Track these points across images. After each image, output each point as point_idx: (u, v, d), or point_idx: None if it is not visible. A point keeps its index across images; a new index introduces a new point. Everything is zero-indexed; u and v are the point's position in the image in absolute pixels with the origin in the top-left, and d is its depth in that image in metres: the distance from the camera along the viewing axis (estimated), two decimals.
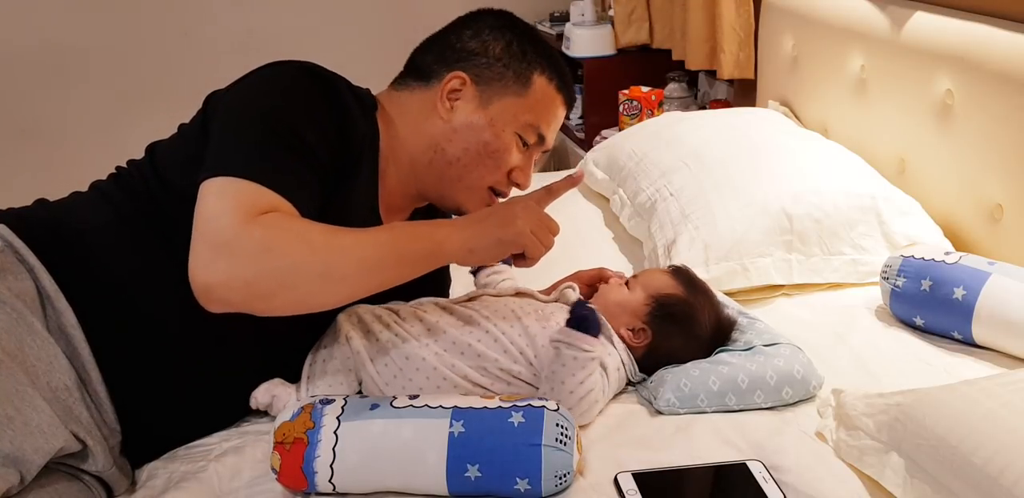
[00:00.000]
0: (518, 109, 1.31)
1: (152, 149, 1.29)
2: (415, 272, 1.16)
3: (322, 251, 1.07)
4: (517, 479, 1.06)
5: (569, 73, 1.38)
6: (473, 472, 1.06)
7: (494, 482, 1.07)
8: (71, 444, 1.09)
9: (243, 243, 1.04)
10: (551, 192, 1.27)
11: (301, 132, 1.15)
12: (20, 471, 1.02)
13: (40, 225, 1.20)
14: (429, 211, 1.46)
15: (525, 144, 1.33)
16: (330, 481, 1.08)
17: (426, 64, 1.33)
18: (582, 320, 1.21)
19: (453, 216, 1.37)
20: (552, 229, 1.23)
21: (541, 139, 1.34)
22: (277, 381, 1.26)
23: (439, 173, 1.31)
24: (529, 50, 1.32)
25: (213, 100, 1.25)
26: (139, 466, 1.21)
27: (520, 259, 1.24)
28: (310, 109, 1.18)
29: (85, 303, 1.16)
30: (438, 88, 1.30)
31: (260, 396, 1.24)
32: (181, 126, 1.29)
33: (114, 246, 1.20)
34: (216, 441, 1.25)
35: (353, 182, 1.24)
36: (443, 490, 1.08)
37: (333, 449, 1.07)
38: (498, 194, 1.36)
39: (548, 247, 1.23)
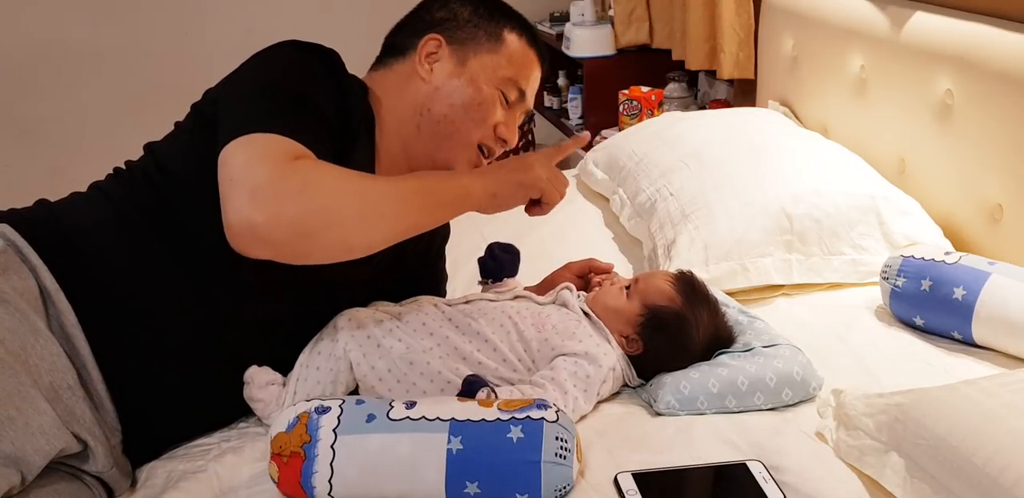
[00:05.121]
0: (495, 64, 1.34)
1: (150, 147, 1.30)
2: (444, 216, 1.21)
3: (360, 191, 1.11)
4: (517, 495, 1.06)
5: (536, 30, 1.42)
6: (472, 489, 1.05)
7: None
8: (72, 445, 1.08)
9: (285, 183, 1.06)
10: (560, 149, 1.35)
11: (309, 98, 1.18)
12: (21, 471, 1.02)
13: (42, 224, 1.20)
14: None
15: (507, 101, 1.35)
16: (329, 494, 1.07)
17: (400, 41, 1.37)
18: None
19: None
20: (564, 181, 1.30)
21: (521, 95, 1.37)
22: (272, 378, 1.25)
23: (429, 134, 1.33)
24: (496, 11, 1.37)
25: (210, 92, 1.26)
26: (139, 465, 1.21)
27: (535, 207, 1.29)
28: (312, 78, 1.21)
29: (85, 302, 1.15)
30: (415, 55, 1.34)
31: (255, 391, 1.24)
32: (177, 123, 1.29)
33: (114, 244, 1.20)
34: (216, 441, 1.25)
35: (351, 160, 1.25)
36: None
37: (331, 464, 1.06)
38: (487, 152, 1.37)
39: (562, 195, 1.30)
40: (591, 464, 1.16)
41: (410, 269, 1.47)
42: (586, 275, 1.51)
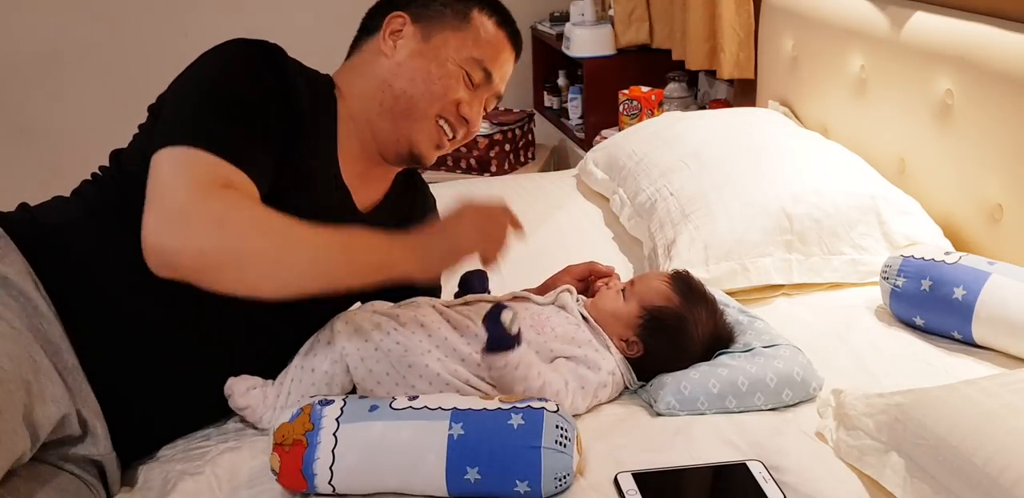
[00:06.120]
0: (459, 42, 1.33)
1: (117, 152, 1.31)
2: (363, 280, 1.16)
3: (275, 237, 1.09)
4: (517, 481, 1.06)
5: (510, 13, 1.40)
6: (473, 474, 1.06)
7: (494, 484, 1.07)
8: (75, 422, 1.09)
9: (200, 213, 1.06)
10: (515, 223, 1.25)
11: (247, 99, 1.17)
12: (30, 437, 1.01)
13: (20, 223, 1.22)
14: (408, 181, 1.48)
15: (471, 81, 1.34)
16: (330, 483, 1.08)
17: (371, 22, 1.37)
18: (493, 342, 1.19)
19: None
20: (498, 230, 1.22)
21: (488, 76, 1.35)
22: (251, 383, 1.25)
23: (390, 110, 1.32)
24: None
25: (163, 93, 1.27)
26: (128, 464, 1.21)
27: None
28: (252, 77, 1.20)
29: (62, 297, 1.16)
30: (380, 33, 1.34)
31: (238, 399, 1.24)
32: (140, 126, 1.30)
33: (86, 240, 1.21)
34: (213, 442, 1.25)
35: (308, 147, 1.24)
36: (443, 492, 1.08)
37: (332, 451, 1.07)
38: (449, 128, 1.35)
39: (498, 246, 1.23)
40: (591, 464, 1.16)
41: None
42: (587, 278, 1.50)
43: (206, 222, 1.06)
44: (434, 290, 1.52)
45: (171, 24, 3.38)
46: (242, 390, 1.24)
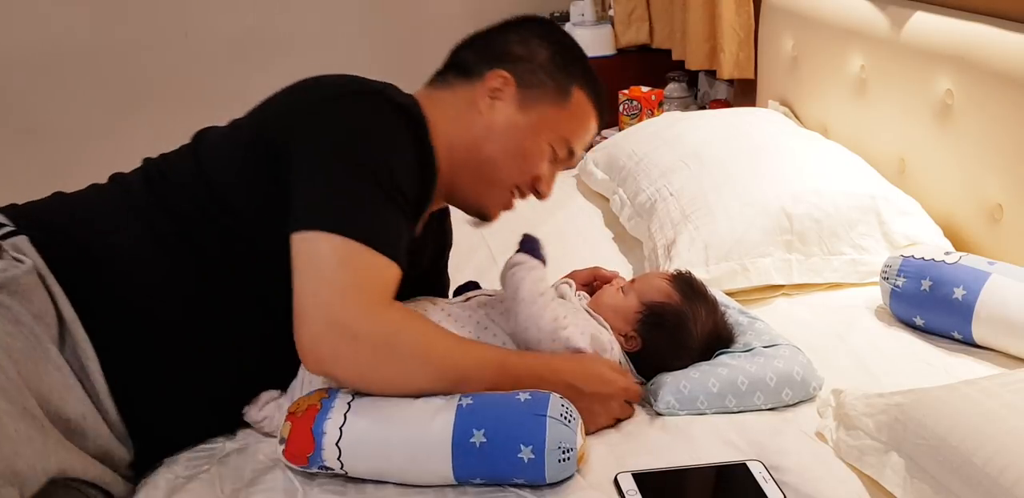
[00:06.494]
0: (555, 119, 1.31)
1: (196, 149, 1.25)
2: (495, 388, 1.19)
3: (433, 368, 1.14)
4: (521, 446, 1.07)
5: (604, 90, 1.39)
6: (479, 437, 1.08)
7: (498, 448, 1.08)
8: (73, 468, 1.06)
9: (367, 336, 1.08)
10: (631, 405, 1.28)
11: (399, 182, 1.16)
12: (20, 490, 0.98)
13: (67, 244, 1.16)
14: (441, 213, 1.47)
15: (555, 157, 1.33)
16: (337, 445, 1.09)
17: (468, 60, 1.33)
18: (526, 245, 1.32)
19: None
20: (628, 414, 1.26)
21: (571, 154, 1.35)
22: (267, 398, 1.25)
23: (472, 171, 1.30)
24: (572, 63, 1.33)
25: (281, 114, 1.22)
26: (143, 472, 1.20)
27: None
28: (403, 155, 1.18)
29: (103, 332, 1.13)
30: (479, 84, 1.30)
31: (254, 413, 1.24)
32: (236, 123, 1.25)
33: (152, 273, 1.17)
34: (220, 443, 1.25)
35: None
36: (447, 457, 1.08)
37: (345, 414, 1.11)
38: (521, 194, 1.36)
39: (612, 420, 1.25)
40: (591, 464, 1.16)
41: (421, 278, 1.46)
42: (591, 283, 1.49)
43: (372, 347, 1.09)
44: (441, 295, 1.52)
45: (171, 24, 3.38)
46: (259, 405, 1.25)
